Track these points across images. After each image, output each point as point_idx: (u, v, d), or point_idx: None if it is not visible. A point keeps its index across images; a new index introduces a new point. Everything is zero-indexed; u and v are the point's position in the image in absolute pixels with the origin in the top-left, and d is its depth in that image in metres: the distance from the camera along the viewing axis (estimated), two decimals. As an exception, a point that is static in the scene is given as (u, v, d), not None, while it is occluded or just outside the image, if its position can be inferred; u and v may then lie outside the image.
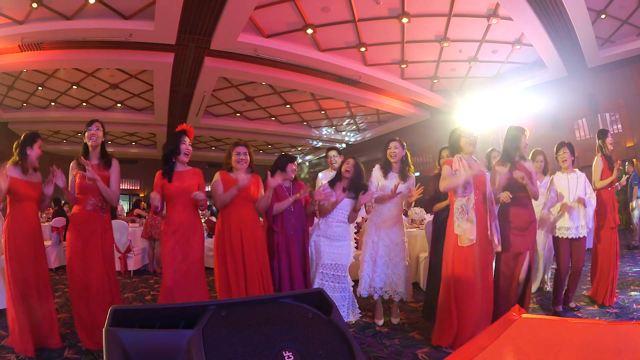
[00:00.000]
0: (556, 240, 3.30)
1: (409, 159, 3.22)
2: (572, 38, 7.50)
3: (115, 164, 2.80)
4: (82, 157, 2.69)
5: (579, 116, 9.49)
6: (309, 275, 3.06)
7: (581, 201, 3.17)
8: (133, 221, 6.79)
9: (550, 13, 6.75)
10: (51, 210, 7.34)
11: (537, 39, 7.65)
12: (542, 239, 3.74)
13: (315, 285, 3.07)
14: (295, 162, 3.16)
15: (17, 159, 2.60)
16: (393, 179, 3.12)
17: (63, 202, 7.78)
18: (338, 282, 3.06)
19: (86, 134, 2.74)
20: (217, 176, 2.82)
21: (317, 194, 2.96)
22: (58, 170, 2.59)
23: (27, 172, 2.60)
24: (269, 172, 2.89)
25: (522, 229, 2.91)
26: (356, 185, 3.07)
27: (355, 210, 3.08)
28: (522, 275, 2.91)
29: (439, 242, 3.01)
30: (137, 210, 7.74)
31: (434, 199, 3.20)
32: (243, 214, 2.77)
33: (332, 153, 4.02)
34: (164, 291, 2.58)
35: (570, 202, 3.20)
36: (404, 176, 3.14)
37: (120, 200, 8.17)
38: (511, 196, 2.75)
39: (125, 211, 9.96)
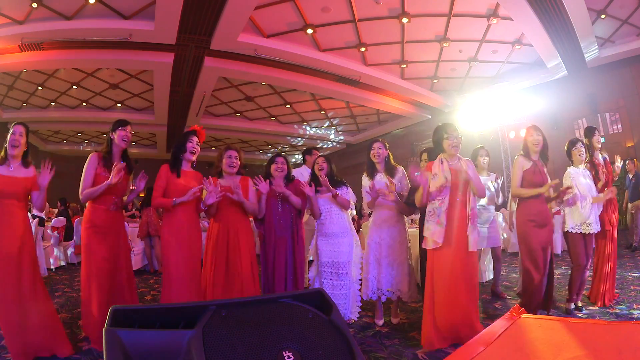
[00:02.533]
0: (572, 235, 3.23)
1: (392, 158, 3.22)
2: (572, 38, 7.50)
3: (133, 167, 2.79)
4: (112, 161, 2.61)
5: (579, 116, 9.48)
6: (299, 276, 3.01)
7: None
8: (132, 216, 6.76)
9: (550, 13, 6.74)
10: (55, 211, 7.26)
11: (537, 39, 7.64)
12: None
13: (316, 284, 3.08)
14: (278, 161, 3.02)
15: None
16: (381, 178, 3.13)
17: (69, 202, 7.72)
18: (337, 280, 3.04)
19: (118, 132, 2.64)
20: None
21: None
22: (48, 168, 2.40)
23: (4, 163, 2.38)
24: (260, 177, 2.87)
25: (543, 224, 2.94)
26: (332, 179, 3.10)
27: (333, 197, 3.02)
28: (547, 270, 2.94)
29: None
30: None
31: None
32: (233, 218, 2.78)
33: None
34: (166, 291, 2.58)
35: (593, 195, 3.21)
36: (390, 173, 3.13)
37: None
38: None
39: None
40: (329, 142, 16.16)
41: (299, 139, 15.61)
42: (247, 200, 2.81)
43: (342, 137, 15.51)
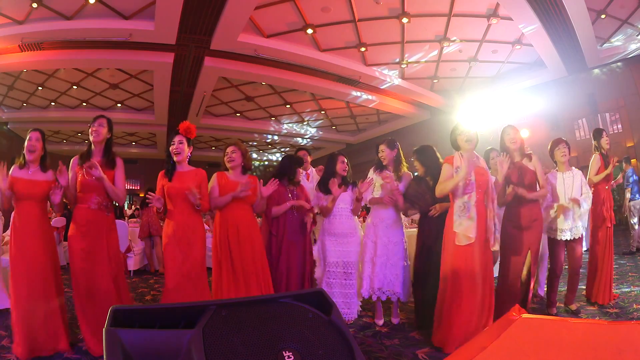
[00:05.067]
0: (551, 241, 3.25)
1: (402, 156, 3.21)
2: (572, 38, 7.50)
3: (119, 162, 2.74)
4: (89, 158, 2.60)
5: (579, 116, 9.49)
6: (307, 279, 3.03)
7: (576, 201, 3.08)
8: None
9: (550, 13, 6.74)
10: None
11: (537, 39, 7.65)
12: None
13: (324, 285, 3.06)
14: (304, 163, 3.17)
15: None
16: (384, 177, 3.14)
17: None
18: (348, 280, 3.05)
19: (89, 129, 2.68)
20: (213, 179, 2.82)
21: (316, 199, 3.02)
22: (63, 167, 2.53)
23: (24, 168, 2.54)
24: (273, 179, 2.87)
25: (524, 227, 2.90)
26: (346, 180, 3.18)
27: (358, 200, 3.07)
28: (524, 274, 2.90)
29: (424, 249, 2.98)
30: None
31: (410, 202, 3.10)
32: (240, 215, 2.77)
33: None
34: (166, 293, 2.57)
35: (565, 203, 3.12)
36: (398, 176, 3.14)
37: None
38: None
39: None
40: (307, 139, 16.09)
41: (301, 138, 15.61)
42: (256, 199, 2.84)
43: (319, 132, 15.44)
